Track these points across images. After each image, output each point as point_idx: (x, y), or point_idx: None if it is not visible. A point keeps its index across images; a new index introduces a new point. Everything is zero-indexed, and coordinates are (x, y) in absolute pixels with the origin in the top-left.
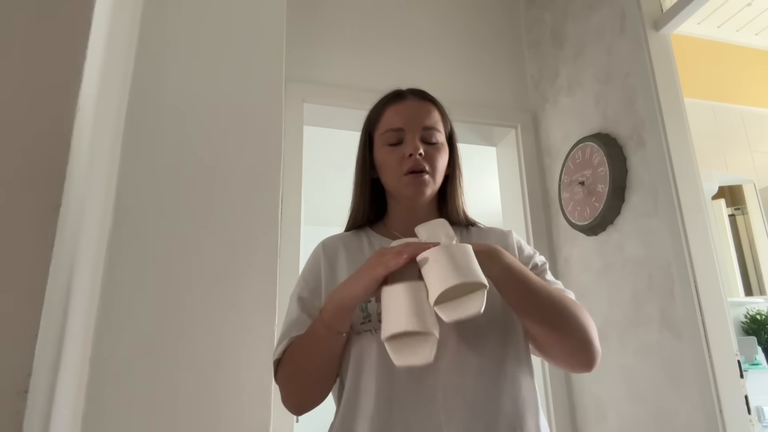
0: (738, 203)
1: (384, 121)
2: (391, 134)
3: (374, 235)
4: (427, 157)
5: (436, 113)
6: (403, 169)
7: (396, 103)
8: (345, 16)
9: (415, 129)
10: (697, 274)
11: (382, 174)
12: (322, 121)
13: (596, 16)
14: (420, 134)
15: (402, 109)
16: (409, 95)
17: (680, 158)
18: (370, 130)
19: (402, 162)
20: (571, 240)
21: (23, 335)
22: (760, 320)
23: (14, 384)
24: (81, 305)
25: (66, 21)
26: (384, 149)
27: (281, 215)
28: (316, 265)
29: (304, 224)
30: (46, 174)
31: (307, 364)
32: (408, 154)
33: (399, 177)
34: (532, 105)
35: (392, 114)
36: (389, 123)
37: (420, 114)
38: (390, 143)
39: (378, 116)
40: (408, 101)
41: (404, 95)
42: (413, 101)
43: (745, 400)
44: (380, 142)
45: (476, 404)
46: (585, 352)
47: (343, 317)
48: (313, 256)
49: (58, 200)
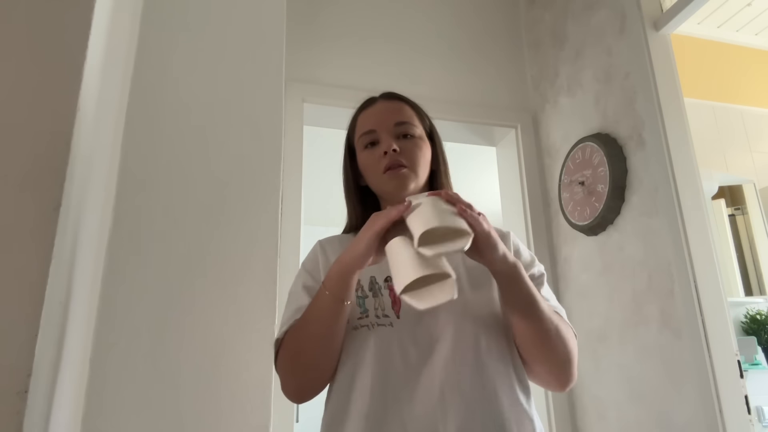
0: (738, 203)
1: (358, 126)
2: (366, 137)
3: None
4: (403, 151)
5: (407, 109)
6: (381, 168)
7: (367, 108)
8: (345, 16)
9: (386, 127)
10: (697, 274)
11: (367, 178)
12: (322, 121)
13: (596, 16)
14: (393, 131)
15: (372, 111)
16: (379, 99)
17: (680, 158)
18: (350, 140)
19: (379, 161)
20: (571, 240)
21: (23, 335)
22: (760, 320)
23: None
24: (81, 305)
25: (66, 22)
26: (363, 153)
27: (281, 215)
28: (315, 260)
29: (304, 224)
30: (46, 174)
31: (308, 341)
32: (383, 152)
33: (379, 176)
34: (532, 105)
35: (364, 118)
36: (362, 127)
37: (389, 112)
38: (366, 146)
39: (354, 125)
40: (377, 104)
41: (374, 100)
42: (382, 103)
43: (745, 400)
44: (359, 147)
45: (473, 400)
46: (564, 375)
47: (347, 282)
48: (311, 252)
49: (58, 200)
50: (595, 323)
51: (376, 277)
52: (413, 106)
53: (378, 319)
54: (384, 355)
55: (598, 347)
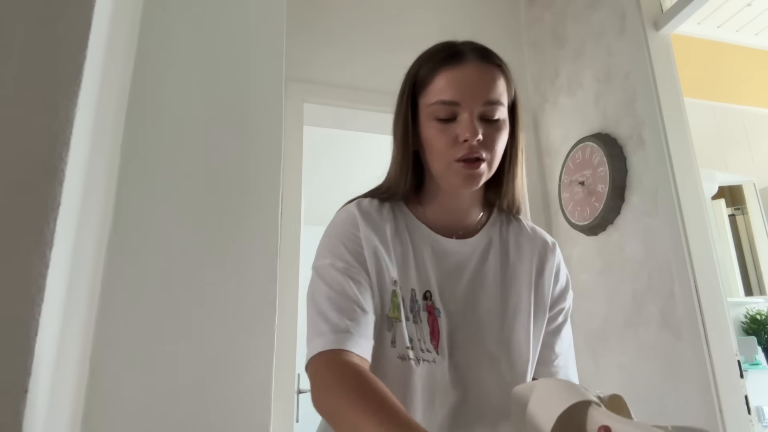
0: (738, 203)
1: (434, 88)
2: (443, 108)
3: (410, 216)
4: (485, 141)
5: (500, 81)
6: (454, 155)
7: (452, 66)
8: (345, 16)
9: (474, 104)
10: (697, 274)
11: (427, 152)
12: (322, 121)
13: (596, 16)
14: (478, 112)
15: (459, 77)
16: (470, 55)
17: (680, 158)
18: (415, 92)
19: (454, 146)
20: (571, 240)
21: (23, 335)
22: (760, 320)
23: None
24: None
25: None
26: (432, 125)
27: (281, 215)
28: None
29: (304, 224)
30: (46, 174)
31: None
32: (463, 139)
33: (448, 163)
34: (532, 105)
35: (446, 81)
36: (441, 92)
37: (482, 84)
38: (440, 118)
39: (427, 80)
40: (467, 65)
41: (463, 55)
42: (474, 66)
43: (745, 400)
44: (427, 114)
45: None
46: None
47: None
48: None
49: (58, 200)
50: (595, 323)
51: (416, 291)
52: (506, 72)
53: (422, 353)
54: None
55: (598, 347)
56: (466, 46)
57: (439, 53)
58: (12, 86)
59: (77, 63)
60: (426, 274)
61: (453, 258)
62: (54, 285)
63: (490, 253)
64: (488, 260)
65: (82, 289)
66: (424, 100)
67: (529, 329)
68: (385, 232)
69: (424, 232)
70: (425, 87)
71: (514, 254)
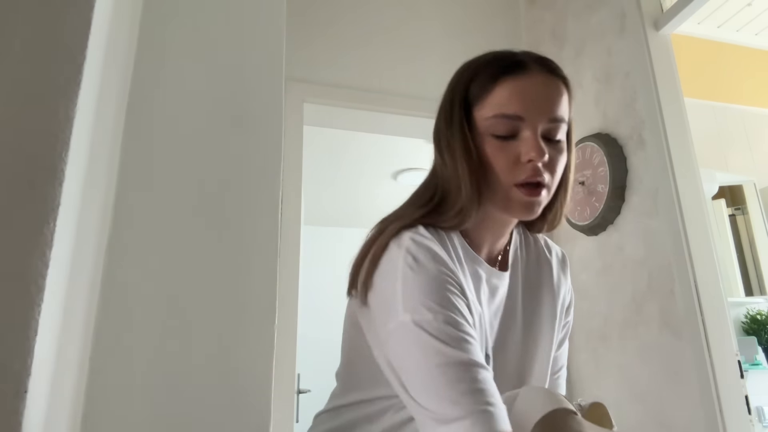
0: (738, 203)
1: (494, 99)
2: (503, 123)
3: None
4: (548, 163)
5: (566, 97)
6: (515, 177)
7: (516, 76)
8: (345, 16)
9: (539, 120)
10: (697, 274)
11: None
12: (322, 121)
13: (596, 16)
14: (544, 128)
15: (524, 88)
16: (534, 66)
17: (680, 158)
18: (469, 103)
19: (516, 166)
20: (571, 240)
21: (22, 335)
22: (760, 320)
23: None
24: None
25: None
26: (489, 141)
27: (281, 215)
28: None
29: (304, 224)
30: (46, 174)
31: None
32: (527, 159)
33: (507, 186)
34: None
35: (509, 92)
36: (503, 106)
37: (548, 98)
38: (498, 134)
39: (485, 90)
40: (533, 76)
41: (526, 65)
42: (541, 77)
43: (745, 400)
44: (484, 127)
45: None
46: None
47: None
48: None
49: (58, 200)
50: (595, 323)
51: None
52: (569, 87)
53: None
54: None
55: (598, 347)
56: (528, 56)
57: (498, 61)
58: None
59: (77, 63)
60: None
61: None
62: (54, 285)
63: (518, 281)
64: (518, 290)
65: (82, 289)
66: (480, 113)
67: (549, 357)
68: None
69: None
70: (482, 98)
71: (535, 277)
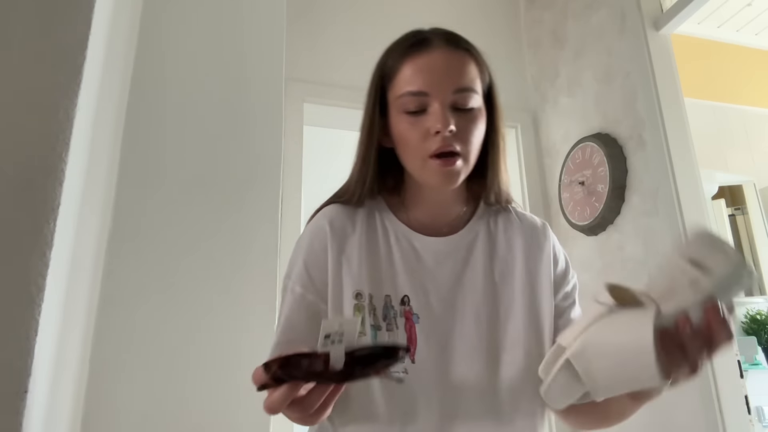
0: (738, 203)
1: (401, 78)
2: (411, 100)
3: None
4: (459, 132)
5: (471, 66)
6: (428, 150)
7: (418, 54)
8: (345, 15)
9: (444, 93)
10: None
11: (401, 149)
12: (322, 121)
13: (596, 16)
14: (450, 100)
15: (426, 64)
16: (436, 41)
17: (680, 158)
18: (383, 85)
19: (426, 139)
20: (571, 240)
21: (23, 336)
22: (760, 320)
23: (14, 384)
24: (81, 305)
25: (66, 21)
26: (401, 118)
27: (281, 215)
28: (323, 252)
29: (304, 224)
30: (46, 174)
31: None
32: (434, 131)
33: (422, 159)
34: (532, 105)
35: (413, 70)
36: (408, 83)
37: (451, 71)
38: (409, 111)
39: (394, 70)
40: (434, 52)
41: (429, 42)
42: (441, 52)
43: (745, 400)
44: (396, 107)
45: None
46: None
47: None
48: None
49: (58, 200)
50: None
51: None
52: (476, 56)
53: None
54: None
55: None
56: (433, 33)
57: (405, 42)
58: (12, 86)
59: (77, 63)
60: (402, 278)
61: (433, 258)
62: (54, 285)
63: (475, 249)
64: (473, 257)
65: (82, 289)
66: (393, 93)
67: (526, 326)
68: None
69: (403, 234)
70: (392, 79)
71: (504, 248)
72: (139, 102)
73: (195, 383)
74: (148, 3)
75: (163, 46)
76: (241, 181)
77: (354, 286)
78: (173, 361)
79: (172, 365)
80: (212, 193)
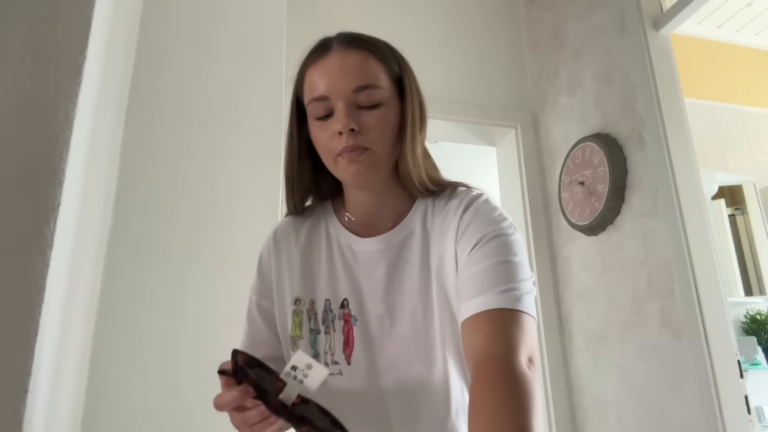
0: (738, 203)
1: (307, 86)
2: (317, 105)
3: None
4: (364, 129)
5: (370, 62)
6: (335, 150)
7: (317, 60)
8: (345, 15)
9: (343, 95)
10: (697, 274)
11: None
12: None
13: (596, 16)
14: (351, 100)
15: (324, 68)
16: (335, 45)
17: (680, 158)
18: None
19: (332, 140)
20: (571, 240)
21: (23, 335)
22: (760, 320)
23: (14, 384)
24: (81, 305)
25: (66, 21)
26: (314, 124)
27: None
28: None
29: None
30: (46, 174)
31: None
32: (338, 132)
33: (333, 160)
34: (532, 105)
35: (314, 77)
36: (312, 90)
37: (347, 73)
38: (319, 116)
39: (302, 80)
40: (331, 55)
41: (328, 47)
42: (338, 54)
43: (745, 400)
44: (309, 114)
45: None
46: None
47: None
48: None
49: (58, 200)
50: (595, 323)
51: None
52: (377, 51)
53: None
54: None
55: (598, 347)
56: (336, 37)
57: (309, 51)
58: (12, 86)
59: (77, 63)
60: (342, 282)
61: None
62: (54, 285)
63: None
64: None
65: (82, 289)
66: (305, 101)
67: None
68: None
69: (343, 237)
70: (302, 87)
71: (438, 239)
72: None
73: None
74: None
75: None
76: (241, 180)
77: (293, 292)
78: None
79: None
80: (212, 192)
